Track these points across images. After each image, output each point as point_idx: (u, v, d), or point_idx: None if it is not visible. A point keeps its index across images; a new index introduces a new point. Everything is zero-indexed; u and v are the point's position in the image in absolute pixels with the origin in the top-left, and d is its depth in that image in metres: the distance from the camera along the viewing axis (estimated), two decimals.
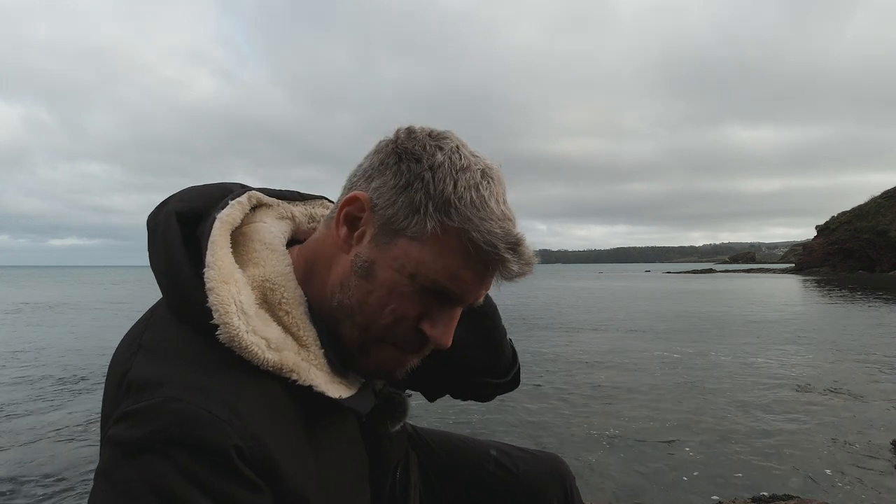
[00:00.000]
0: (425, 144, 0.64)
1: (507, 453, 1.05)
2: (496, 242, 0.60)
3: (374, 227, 0.65)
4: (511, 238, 0.61)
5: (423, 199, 0.61)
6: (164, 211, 0.67)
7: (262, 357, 0.59)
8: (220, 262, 0.61)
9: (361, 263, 0.65)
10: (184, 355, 0.58)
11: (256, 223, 0.71)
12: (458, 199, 0.61)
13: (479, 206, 0.61)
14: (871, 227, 65.83)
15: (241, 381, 0.57)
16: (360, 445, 0.75)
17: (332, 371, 0.65)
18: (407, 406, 0.80)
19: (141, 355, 0.59)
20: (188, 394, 0.53)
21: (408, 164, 0.64)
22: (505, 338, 0.96)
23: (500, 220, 0.61)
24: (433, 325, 0.65)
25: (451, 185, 0.61)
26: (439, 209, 0.61)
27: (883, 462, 3.48)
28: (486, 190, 0.62)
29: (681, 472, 3.33)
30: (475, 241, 0.60)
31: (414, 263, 0.62)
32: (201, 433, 0.52)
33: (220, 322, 0.58)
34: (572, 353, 7.79)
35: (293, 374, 0.61)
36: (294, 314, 0.64)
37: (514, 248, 0.61)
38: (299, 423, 0.62)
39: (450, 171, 0.62)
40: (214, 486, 0.51)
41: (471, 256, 0.61)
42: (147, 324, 0.64)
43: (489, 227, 0.60)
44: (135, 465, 0.51)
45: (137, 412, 0.53)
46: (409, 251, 0.62)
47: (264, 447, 0.55)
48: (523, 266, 0.63)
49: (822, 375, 6.13)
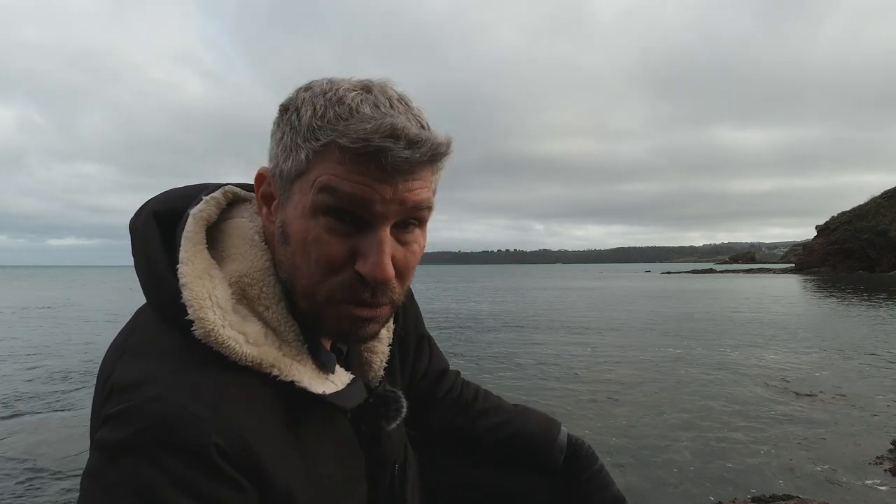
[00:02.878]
0: (296, 93, 0.63)
1: None
2: (367, 136, 0.56)
3: (278, 192, 0.64)
4: (385, 128, 0.56)
5: (293, 138, 0.60)
6: (143, 213, 0.68)
7: (241, 352, 0.58)
8: (193, 258, 0.61)
9: (279, 231, 0.64)
10: (165, 355, 0.58)
11: (235, 219, 0.70)
12: (320, 119, 0.59)
13: (345, 116, 0.58)
14: (871, 227, 65.83)
15: (223, 379, 0.57)
16: (354, 442, 0.74)
17: (317, 367, 0.65)
18: (402, 405, 0.78)
19: (125, 358, 0.59)
20: (169, 393, 0.53)
21: (281, 117, 0.63)
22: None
23: (375, 119, 0.57)
24: (364, 260, 0.60)
25: (311, 111, 0.59)
26: (306, 137, 0.59)
27: (883, 462, 3.47)
28: (354, 100, 0.59)
29: (680, 472, 3.33)
30: (344, 145, 0.57)
31: (307, 197, 0.60)
32: (182, 433, 0.52)
33: (195, 317, 0.57)
34: (571, 353, 7.78)
35: (274, 370, 0.60)
36: (274, 309, 0.63)
37: (392, 135, 0.56)
38: (283, 419, 0.61)
39: (310, 101, 0.60)
40: (197, 487, 0.51)
41: (347, 161, 0.57)
42: (132, 327, 0.64)
43: (357, 128, 0.57)
44: (118, 467, 0.51)
45: (120, 414, 0.53)
46: (301, 189, 0.60)
47: (247, 445, 0.55)
48: (416, 149, 0.57)
49: (822, 375, 6.12)
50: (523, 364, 6.95)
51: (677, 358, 7.25)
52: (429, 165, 0.61)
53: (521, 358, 7.38)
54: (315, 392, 0.62)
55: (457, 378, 1.07)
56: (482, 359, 7.30)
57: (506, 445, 1.00)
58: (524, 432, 1.00)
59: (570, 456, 0.99)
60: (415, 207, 0.61)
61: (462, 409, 1.02)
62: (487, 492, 1.00)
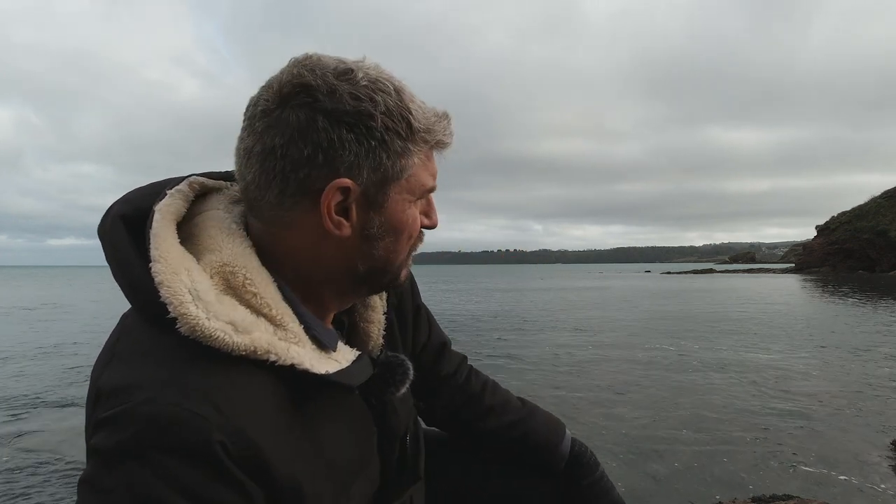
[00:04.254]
0: (351, 86, 0.62)
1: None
2: (446, 136, 0.69)
3: (359, 198, 0.64)
4: (444, 120, 0.69)
5: (392, 140, 0.63)
6: (109, 217, 0.65)
7: (231, 342, 0.56)
8: (166, 255, 0.59)
9: (377, 231, 0.67)
10: (153, 356, 0.57)
11: (208, 210, 0.68)
12: (424, 122, 0.66)
13: (430, 114, 0.67)
14: (871, 227, 65.78)
15: (215, 372, 0.55)
16: (366, 417, 0.73)
17: (318, 346, 0.64)
18: (408, 367, 0.77)
19: (114, 363, 0.58)
20: (162, 393, 0.52)
21: (363, 123, 0.61)
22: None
23: (438, 117, 0.68)
24: (430, 218, 0.73)
25: (418, 114, 0.65)
26: (417, 140, 0.66)
27: (883, 462, 3.48)
28: (416, 100, 0.66)
29: (680, 472, 3.33)
30: (445, 142, 0.69)
31: (407, 195, 0.67)
32: (181, 433, 0.50)
33: (177, 314, 0.55)
34: (571, 352, 7.78)
35: (270, 355, 0.58)
36: (263, 293, 0.61)
37: (448, 128, 0.69)
38: (287, 406, 0.60)
39: (403, 104, 0.64)
40: (198, 489, 0.50)
41: (431, 156, 0.69)
42: (119, 332, 0.63)
43: (442, 127, 0.68)
44: (115, 473, 0.50)
45: (113, 418, 0.52)
46: (399, 188, 0.66)
47: (249, 439, 0.53)
48: (451, 136, 0.71)
49: (822, 374, 6.12)
50: (524, 364, 6.95)
51: (678, 357, 7.25)
52: None
53: (522, 357, 7.38)
54: (318, 373, 0.60)
55: (463, 362, 1.05)
56: (483, 357, 7.30)
57: (512, 446, 1.00)
58: (532, 434, 1.00)
59: (573, 461, 1.01)
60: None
61: (469, 401, 1.01)
62: (489, 489, 1.00)
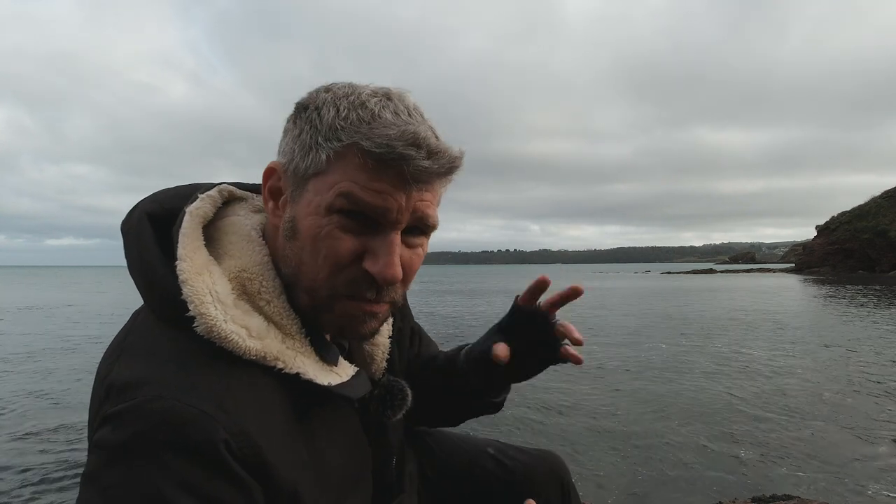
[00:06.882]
0: (315, 93, 0.64)
1: (503, 451, 1.05)
2: (391, 143, 0.57)
3: (289, 187, 0.64)
4: (408, 135, 0.58)
5: (313, 136, 0.61)
6: (135, 214, 0.67)
7: (244, 346, 0.57)
8: (192, 255, 0.61)
9: (287, 226, 0.64)
10: (165, 353, 0.57)
11: (231, 217, 0.70)
12: (343, 121, 0.59)
13: (368, 120, 0.59)
14: (871, 227, 65.74)
15: (226, 374, 0.56)
16: (362, 436, 0.74)
17: (321, 359, 0.65)
18: (407, 394, 0.79)
19: (123, 358, 0.58)
20: (171, 391, 0.52)
21: (299, 115, 0.64)
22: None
23: (397, 126, 0.58)
24: (374, 260, 0.61)
25: (334, 112, 0.60)
26: (327, 137, 0.60)
27: (883, 462, 3.48)
28: (376, 105, 0.60)
29: (680, 472, 3.33)
30: (367, 148, 0.57)
31: (323, 198, 0.60)
32: (187, 431, 0.51)
33: (196, 313, 0.57)
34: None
35: (279, 363, 0.59)
36: (275, 303, 0.63)
37: (414, 144, 0.58)
38: (289, 412, 0.61)
39: (332, 102, 0.61)
40: (203, 486, 0.50)
41: (370, 166, 0.58)
42: (130, 328, 0.64)
43: (381, 132, 0.58)
44: (120, 469, 0.50)
45: (120, 414, 0.52)
46: (317, 188, 0.61)
47: (253, 440, 0.54)
48: (436, 159, 0.59)
49: (821, 374, 6.12)
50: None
51: (678, 357, 7.25)
52: (444, 177, 0.62)
53: None
54: (321, 384, 0.62)
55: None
56: None
57: (430, 370, 0.98)
58: (439, 355, 1.00)
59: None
60: (423, 218, 0.63)
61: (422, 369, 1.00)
62: (485, 485, 1.01)
